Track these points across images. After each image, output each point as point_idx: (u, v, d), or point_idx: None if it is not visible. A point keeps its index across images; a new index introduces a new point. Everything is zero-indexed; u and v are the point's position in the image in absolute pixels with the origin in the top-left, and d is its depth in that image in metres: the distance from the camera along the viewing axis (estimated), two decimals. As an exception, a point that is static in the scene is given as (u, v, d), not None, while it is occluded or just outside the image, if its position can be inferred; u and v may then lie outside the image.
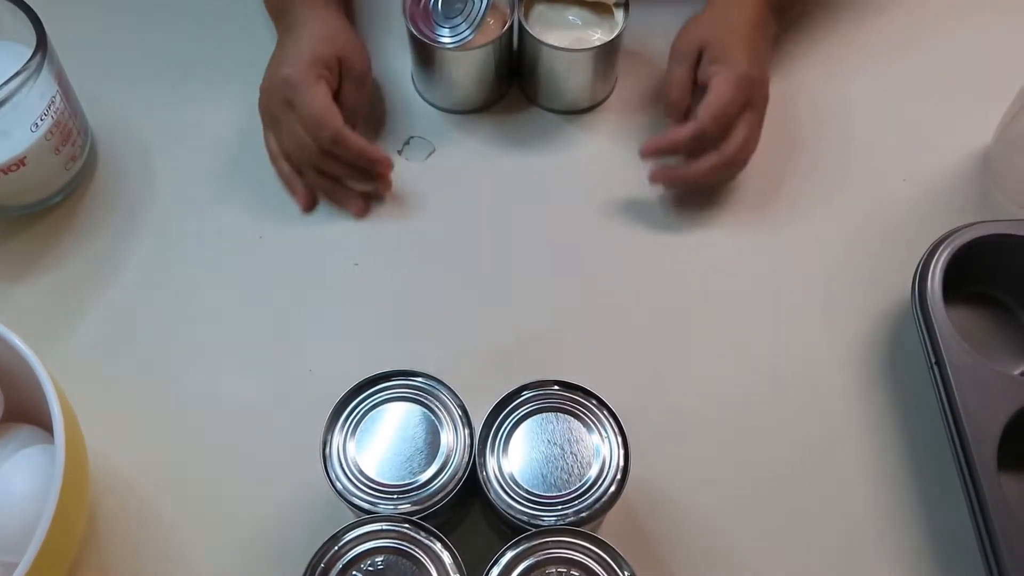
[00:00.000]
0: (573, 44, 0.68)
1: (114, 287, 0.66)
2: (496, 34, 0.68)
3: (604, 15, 0.69)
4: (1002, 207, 0.68)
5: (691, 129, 0.63)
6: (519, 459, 0.51)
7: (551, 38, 0.68)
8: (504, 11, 0.69)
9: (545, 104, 0.73)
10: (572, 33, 0.69)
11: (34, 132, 0.63)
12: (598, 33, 0.69)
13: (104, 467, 0.58)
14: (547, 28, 0.69)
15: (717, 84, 0.64)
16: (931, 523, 0.57)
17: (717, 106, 0.63)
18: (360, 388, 0.53)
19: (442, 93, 0.72)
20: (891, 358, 0.63)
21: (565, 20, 0.69)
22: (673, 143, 0.65)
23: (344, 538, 0.48)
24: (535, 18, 0.70)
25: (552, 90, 0.72)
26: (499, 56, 0.70)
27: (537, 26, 0.69)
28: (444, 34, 0.68)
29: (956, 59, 0.75)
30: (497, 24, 0.69)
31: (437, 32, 0.68)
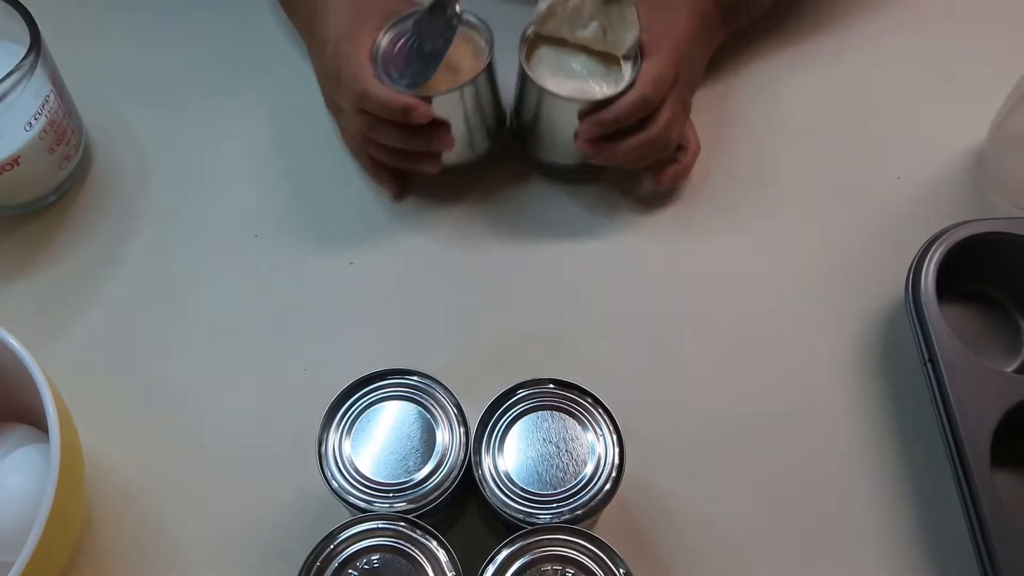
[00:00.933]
0: (574, 94, 0.62)
1: (109, 286, 0.66)
2: (464, 79, 0.61)
3: (612, 67, 0.64)
4: (995, 205, 0.68)
5: (632, 97, 0.61)
6: (514, 457, 0.51)
7: (552, 84, 0.62)
8: (480, 49, 0.63)
9: (543, 158, 0.69)
10: (574, 82, 0.63)
11: (28, 131, 0.62)
12: (603, 86, 0.63)
13: (99, 466, 0.58)
14: (550, 73, 0.63)
15: (649, 63, 0.62)
16: (924, 519, 0.57)
17: (652, 76, 0.61)
18: (355, 387, 0.53)
19: None
20: (885, 355, 0.63)
21: (569, 68, 0.64)
22: (615, 116, 0.61)
23: (340, 536, 0.48)
24: (537, 62, 0.64)
25: (548, 141, 0.66)
26: (473, 106, 0.63)
27: (539, 69, 0.63)
28: (403, 77, 0.61)
29: (950, 57, 0.75)
30: (469, 69, 0.62)
31: (396, 76, 0.61)
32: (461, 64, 0.63)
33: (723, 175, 0.70)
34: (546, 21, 0.63)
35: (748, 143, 0.71)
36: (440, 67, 0.60)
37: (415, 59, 0.61)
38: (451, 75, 0.62)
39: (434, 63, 0.60)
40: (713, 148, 0.70)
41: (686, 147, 0.67)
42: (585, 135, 0.62)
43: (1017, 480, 0.58)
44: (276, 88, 0.74)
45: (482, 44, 0.63)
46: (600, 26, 0.62)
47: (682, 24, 0.64)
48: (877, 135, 0.72)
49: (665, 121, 0.63)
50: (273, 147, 0.71)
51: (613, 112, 0.61)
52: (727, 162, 0.70)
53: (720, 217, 0.68)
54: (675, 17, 0.64)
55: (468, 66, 0.62)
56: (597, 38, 0.63)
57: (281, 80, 0.74)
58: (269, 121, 0.72)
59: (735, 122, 0.72)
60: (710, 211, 0.68)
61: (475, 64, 0.62)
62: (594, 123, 0.61)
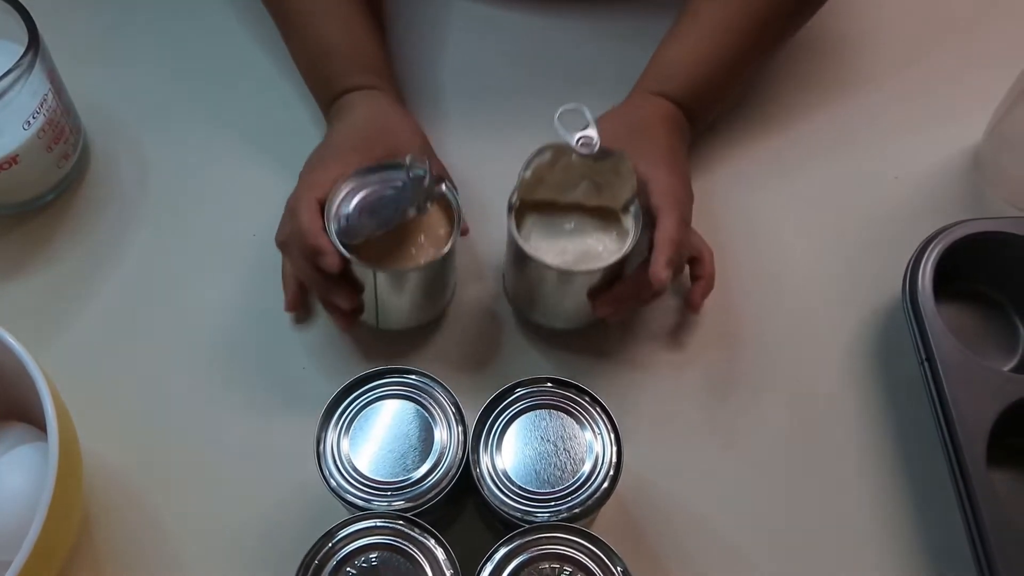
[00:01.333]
0: (577, 260, 0.56)
1: (107, 285, 0.66)
2: (422, 253, 0.57)
3: (607, 217, 0.58)
4: (992, 205, 0.68)
5: (666, 264, 0.55)
6: (512, 456, 0.51)
7: (552, 256, 0.56)
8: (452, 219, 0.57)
9: (543, 323, 0.63)
10: (573, 244, 0.57)
11: (26, 130, 0.62)
12: (606, 242, 0.57)
13: (97, 465, 0.58)
14: (545, 242, 0.57)
15: (660, 222, 0.57)
16: (921, 518, 0.58)
17: (670, 235, 0.56)
18: (354, 385, 0.53)
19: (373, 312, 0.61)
20: (882, 355, 0.63)
21: (564, 230, 0.58)
22: (662, 280, 0.55)
23: (338, 535, 0.48)
24: (528, 228, 0.58)
25: (551, 310, 0.62)
26: (419, 284, 0.59)
27: (532, 237, 0.57)
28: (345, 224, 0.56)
29: (947, 57, 0.76)
30: (433, 240, 0.57)
31: (342, 220, 0.57)
32: (433, 230, 0.58)
33: (721, 175, 0.70)
34: (533, 188, 0.57)
35: (745, 143, 0.71)
36: (408, 230, 0.57)
37: (365, 214, 0.57)
38: (417, 240, 0.57)
39: (379, 228, 0.56)
40: (712, 149, 0.70)
41: (700, 258, 0.62)
42: (662, 283, 0.55)
43: (1014, 478, 0.58)
44: (275, 87, 0.74)
45: (447, 230, 0.58)
46: (592, 184, 0.57)
47: (663, 134, 0.62)
48: (874, 135, 0.72)
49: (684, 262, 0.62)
50: (271, 146, 0.71)
51: (671, 243, 0.55)
52: (725, 162, 0.70)
53: (717, 217, 0.68)
54: (654, 128, 0.62)
55: (434, 236, 0.58)
56: (590, 195, 0.57)
57: (280, 79, 0.74)
58: (268, 120, 0.72)
59: (733, 123, 0.72)
60: (707, 212, 0.68)
61: (441, 236, 0.57)
62: (666, 266, 0.55)
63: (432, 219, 0.58)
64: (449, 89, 0.74)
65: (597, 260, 0.57)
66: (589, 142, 0.56)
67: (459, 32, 0.77)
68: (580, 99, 0.70)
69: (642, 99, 0.65)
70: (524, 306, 0.63)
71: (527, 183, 0.57)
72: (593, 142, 0.56)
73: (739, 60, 0.66)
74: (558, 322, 0.63)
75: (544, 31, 0.76)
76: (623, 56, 0.69)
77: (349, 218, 0.57)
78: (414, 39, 0.76)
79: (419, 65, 0.74)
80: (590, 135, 0.56)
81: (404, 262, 0.57)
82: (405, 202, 0.55)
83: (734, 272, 0.66)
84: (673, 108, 0.64)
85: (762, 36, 0.66)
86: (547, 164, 0.57)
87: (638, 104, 0.65)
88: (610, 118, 0.63)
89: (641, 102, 0.65)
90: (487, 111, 0.73)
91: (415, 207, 0.55)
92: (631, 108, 0.65)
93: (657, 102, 0.64)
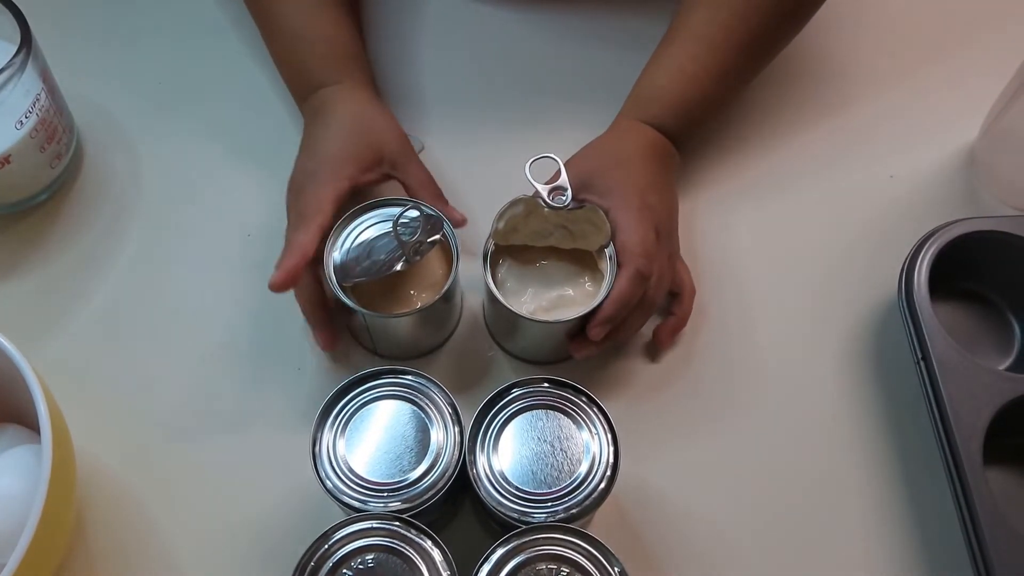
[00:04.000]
0: (552, 305, 0.57)
1: (101, 285, 0.65)
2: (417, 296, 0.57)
3: (582, 259, 0.58)
4: (987, 204, 0.69)
5: (628, 275, 0.56)
6: (509, 456, 0.51)
7: (528, 305, 0.57)
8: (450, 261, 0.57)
9: (523, 358, 0.63)
10: (548, 290, 0.58)
11: (19, 130, 0.62)
12: (579, 287, 0.58)
13: (91, 467, 0.58)
14: (520, 288, 0.58)
15: (626, 234, 0.57)
16: (917, 517, 0.58)
17: (637, 247, 0.56)
18: (349, 386, 0.53)
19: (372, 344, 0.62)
20: (878, 354, 0.63)
21: (539, 274, 0.58)
22: (619, 304, 0.56)
23: (334, 536, 0.48)
24: (504, 274, 0.58)
25: (531, 350, 0.62)
26: (411, 326, 0.59)
27: (507, 283, 0.58)
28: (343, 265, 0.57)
29: (942, 57, 0.76)
30: (430, 282, 0.58)
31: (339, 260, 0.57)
32: (432, 271, 0.58)
33: (718, 179, 0.70)
34: (507, 236, 0.57)
35: (741, 144, 0.71)
36: (405, 272, 0.57)
37: (354, 261, 0.57)
38: (414, 281, 0.58)
39: (368, 277, 0.56)
40: (709, 148, 0.70)
41: (680, 293, 0.61)
42: (596, 338, 0.56)
43: (1009, 477, 0.58)
44: (269, 86, 0.73)
45: (445, 271, 0.58)
46: (566, 230, 0.57)
47: (643, 169, 0.60)
48: (870, 134, 0.72)
49: (655, 281, 0.58)
50: (265, 146, 0.71)
51: (615, 303, 0.55)
52: (722, 164, 0.70)
53: (714, 217, 0.68)
54: (634, 163, 0.61)
55: (433, 278, 0.58)
56: (564, 241, 0.58)
57: (273, 78, 0.73)
58: (262, 119, 0.72)
59: (728, 124, 0.72)
60: (704, 211, 0.68)
61: (440, 277, 0.58)
62: (601, 323, 0.56)
63: (431, 260, 0.58)
64: (436, 89, 0.73)
65: (572, 307, 0.57)
66: (562, 198, 0.56)
67: (445, 31, 0.76)
68: (570, 101, 0.71)
69: (626, 127, 0.63)
70: (505, 343, 0.63)
71: (501, 233, 0.57)
72: (565, 197, 0.56)
73: (725, 79, 0.64)
74: (539, 358, 0.62)
75: (534, 31, 0.76)
76: (613, 58, 0.70)
77: (342, 260, 0.57)
78: (401, 36, 0.76)
79: (406, 63, 0.74)
80: (563, 187, 0.56)
81: (397, 306, 0.57)
82: (394, 255, 0.56)
83: (731, 272, 0.66)
84: (657, 136, 0.63)
85: (749, 52, 0.64)
86: (520, 216, 0.57)
87: (621, 134, 0.63)
88: (590, 152, 0.62)
89: (624, 132, 0.63)
90: (474, 112, 0.72)
91: (403, 262, 0.56)
92: (613, 139, 0.63)
93: (641, 131, 0.63)
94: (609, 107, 0.66)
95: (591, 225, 0.57)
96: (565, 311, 0.57)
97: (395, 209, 0.58)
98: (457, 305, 0.63)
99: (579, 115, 0.67)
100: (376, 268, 0.56)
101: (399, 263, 0.56)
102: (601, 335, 0.56)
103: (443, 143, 0.70)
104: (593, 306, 0.56)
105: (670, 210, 0.61)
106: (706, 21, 0.63)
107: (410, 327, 0.59)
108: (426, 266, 0.58)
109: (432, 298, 0.56)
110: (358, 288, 0.57)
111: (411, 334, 0.60)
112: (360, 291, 0.57)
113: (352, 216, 0.59)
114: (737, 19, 0.62)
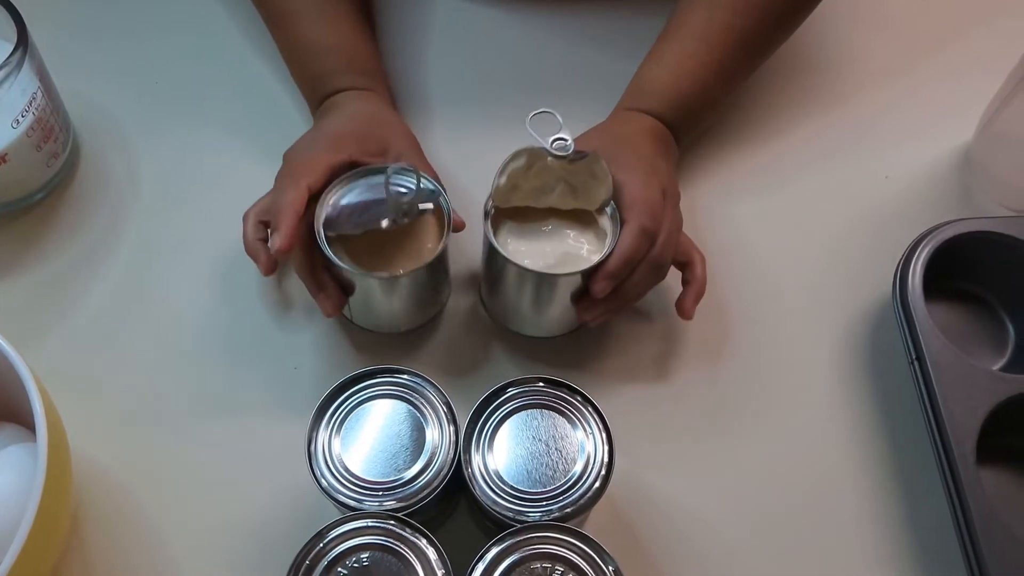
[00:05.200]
0: (558, 263, 0.56)
1: (97, 285, 0.65)
2: (414, 264, 0.56)
3: (584, 218, 0.58)
4: (982, 204, 0.69)
5: (633, 229, 0.55)
6: (504, 455, 0.51)
7: (528, 258, 0.56)
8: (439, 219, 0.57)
9: (524, 333, 0.62)
10: (552, 247, 0.57)
11: (15, 129, 0.62)
12: (583, 245, 0.57)
13: (87, 466, 0.58)
14: (525, 248, 0.57)
15: (631, 190, 0.57)
16: (911, 517, 0.58)
17: (642, 202, 0.56)
18: (345, 385, 0.53)
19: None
20: (872, 354, 0.63)
21: (543, 233, 0.57)
22: (623, 258, 0.55)
23: (329, 535, 0.48)
24: (505, 235, 0.57)
25: (533, 318, 0.61)
26: (407, 290, 0.58)
27: (510, 243, 0.57)
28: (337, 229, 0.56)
29: (938, 57, 0.76)
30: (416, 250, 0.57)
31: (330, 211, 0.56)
32: (424, 238, 0.57)
33: (714, 177, 0.70)
34: (508, 195, 0.57)
35: (736, 143, 0.71)
36: (397, 236, 0.56)
37: (345, 213, 0.56)
38: (405, 246, 0.57)
39: (354, 229, 0.55)
40: (703, 146, 0.70)
41: (691, 263, 0.61)
42: (600, 294, 0.55)
43: (1003, 477, 0.58)
44: (266, 85, 0.73)
45: (436, 241, 0.57)
46: (567, 185, 0.57)
47: (645, 145, 0.61)
48: (865, 135, 0.72)
49: (663, 240, 0.57)
50: (263, 144, 0.71)
51: (620, 257, 0.55)
52: (716, 162, 0.70)
53: (707, 216, 0.68)
54: (635, 140, 0.61)
55: (423, 245, 0.57)
56: (565, 198, 0.57)
57: (271, 77, 0.74)
58: (259, 118, 0.72)
59: (724, 122, 0.72)
60: (700, 212, 0.69)
61: (430, 246, 0.57)
62: (606, 278, 0.55)
63: (424, 227, 0.58)
64: (440, 88, 0.74)
65: (578, 262, 0.56)
66: (563, 144, 0.56)
67: (450, 31, 0.77)
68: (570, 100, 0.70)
69: (626, 116, 0.64)
70: (504, 317, 0.62)
71: (502, 190, 0.57)
72: (567, 144, 0.56)
73: (723, 76, 0.64)
74: (539, 331, 0.62)
75: (536, 31, 0.76)
76: (612, 58, 0.70)
77: (333, 214, 0.57)
78: (405, 37, 0.76)
79: (410, 63, 0.74)
80: (564, 137, 0.56)
81: (386, 268, 0.56)
82: (381, 211, 0.55)
83: (725, 273, 0.66)
84: (656, 123, 0.63)
85: (746, 50, 0.65)
86: (522, 169, 0.57)
87: (621, 120, 0.64)
88: (591, 134, 0.63)
89: (624, 118, 0.64)
90: (478, 111, 0.72)
91: (390, 219, 0.55)
92: (613, 124, 0.64)
93: (640, 118, 0.63)
94: (609, 106, 0.66)
95: (592, 177, 0.56)
96: (572, 266, 0.56)
97: (381, 176, 0.57)
98: (443, 286, 0.62)
99: (578, 115, 0.66)
100: (362, 222, 0.55)
101: (386, 220, 0.55)
102: (606, 290, 0.55)
103: (442, 142, 0.70)
104: (599, 260, 0.55)
105: (669, 183, 0.60)
106: (704, 19, 0.64)
107: (388, 294, 0.58)
108: (419, 241, 0.58)
109: (414, 266, 0.56)
110: (347, 251, 0.56)
111: (389, 303, 0.59)
112: (349, 254, 0.56)
113: (350, 178, 0.58)
114: (735, 17, 0.63)
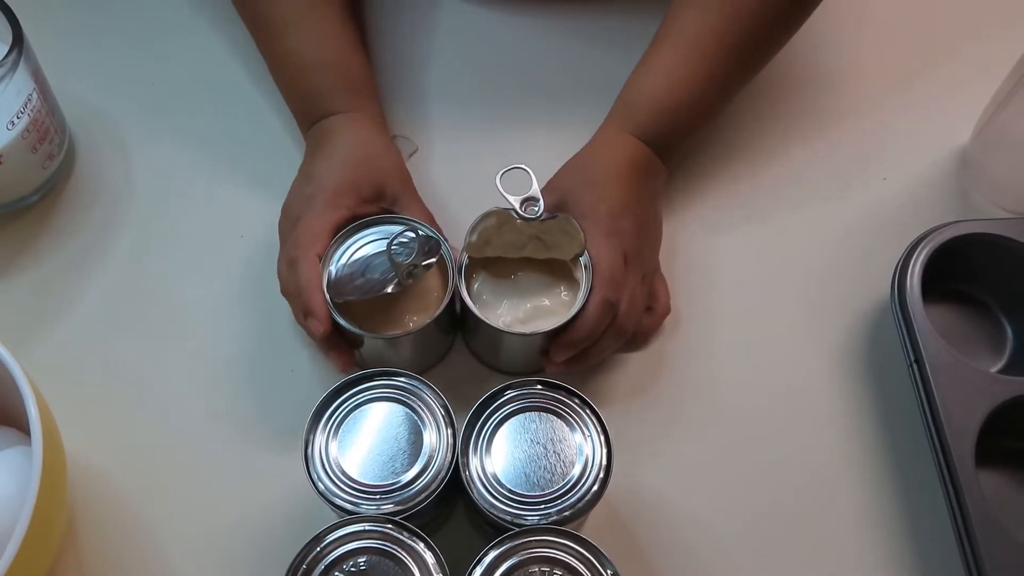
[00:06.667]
0: (528, 317, 0.57)
1: (92, 287, 0.65)
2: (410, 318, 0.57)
3: (557, 271, 0.58)
4: (980, 206, 0.69)
5: (595, 304, 0.56)
6: (502, 458, 0.51)
7: (502, 317, 0.57)
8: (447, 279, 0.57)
9: (500, 370, 0.62)
10: (524, 301, 0.57)
11: (10, 130, 0.62)
12: (555, 297, 0.58)
13: (83, 469, 0.58)
14: (495, 301, 0.58)
15: (595, 259, 0.57)
16: (910, 518, 0.58)
17: (605, 273, 0.56)
18: (342, 388, 0.53)
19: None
20: (871, 356, 0.63)
21: (514, 286, 0.58)
22: (585, 331, 0.56)
23: (326, 539, 0.48)
24: (479, 289, 0.58)
25: (506, 362, 0.62)
26: (411, 347, 0.59)
27: (483, 296, 0.58)
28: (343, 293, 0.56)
29: (935, 59, 0.76)
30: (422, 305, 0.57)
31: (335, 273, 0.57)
32: (428, 291, 0.58)
33: (712, 178, 0.70)
34: (481, 249, 0.57)
35: (733, 145, 0.71)
36: (401, 292, 0.56)
37: (347, 279, 0.56)
38: (409, 302, 0.58)
39: (361, 296, 0.55)
40: (700, 150, 0.70)
41: (653, 307, 0.62)
42: (559, 359, 0.57)
43: (1001, 479, 0.58)
44: (262, 88, 0.73)
45: (440, 293, 0.57)
46: (539, 240, 0.57)
47: (619, 187, 0.60)
48: (863, 137, 0.72)
49: (624, 310, 0.57)
50: (258, 147, 0.71)
51: (581, 329, 0.56)
52: (713, 165, 0.70)
53: (708, 219, 0.68)
54: (611, 183, 0.60)
55: (428, 298, 0.58)
56: (539, 251, 0.57)
57: (267, 80, 0.73)
58: (255, 120, 0.72)
59: (720, 125, 0.72)
60: (699, 212, 0.68)
61: (435, 298, 0.57)
62: (565, 346, 0.57)
63: (428, 276, 0.58)
64: (439, 89, 0.73)
65: (549, 317, 0.57)
66: (534, 209, 0.56)
67: (449, 32, 0.76)
68: (568, 102, 0.70)
69: (610, 141, 0.62)
70: (483, 359, 0.62)
71: (474, 245, 0.57)
72: (537, 209, 0.56)
73: (714, 84, 0.63)
74: (517, 371, 0.62)
75: (528, 34, 0.76)
76: (608, 59, 0.69)
77: (336, 276, 0.57)
78: (393, 39, 0.76)
79: (408, 65, 0.74)
80: (535, 197, 0.56)
81: (394, 325, 0.57)
82: (387, 275, 0.55)
83: (722, 274, 0.66)
84: (640, 149, 0.61)
85: (739, 58, 0.63)
86: (493, 227, 0.57)
87: (602, 149, 0.62)
88: (566, 171, 0.62)
89: (606, 145, 0.62)
90: (468, 113, 0.72)
91: (395, 284, 0.55)
92: (594, 154, 0.62)
93: (623, 145, 0.62)
94: (604, 107, 0.66)
95: (564, 235, 0.56)
96: (542, 322, 0.57)
97: (395, 227, 0.58)
98: (451, 329, 0.62)
99: (575, 115, 0.67)
100: (368, 287, 0.55)
101: (391, 285, 0.55)
102: (564, 358, 0.57)
103: (437, 144, 0.70)
104: (567, 319, 0.56)
105: (643, 229, 0.60)
106: (696, 24, 0.62)
107: (400, 349, 0.58)
108: (424, 290, 0.58)
109: (423, 321, 0.56)
110: (353, 306, 0.57)
111: (401, 356, 0.60)
112: (355, 310, 0.57)
113: (350, 232, 0.58)
114: (728, 22, 0.61)
